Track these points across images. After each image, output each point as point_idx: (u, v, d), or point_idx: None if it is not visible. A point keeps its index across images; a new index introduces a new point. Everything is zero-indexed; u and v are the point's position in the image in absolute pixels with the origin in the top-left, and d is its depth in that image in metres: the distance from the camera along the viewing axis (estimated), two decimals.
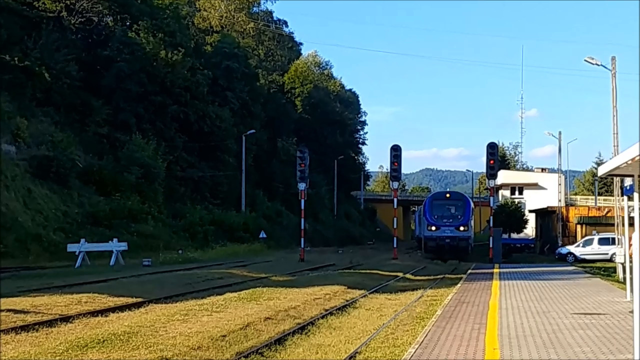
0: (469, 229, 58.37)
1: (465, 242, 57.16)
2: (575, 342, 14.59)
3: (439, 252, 57.01)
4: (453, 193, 66.68)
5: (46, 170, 56.46)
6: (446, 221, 57.51)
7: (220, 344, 16.72)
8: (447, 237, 56.67)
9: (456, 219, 57.77)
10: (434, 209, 59.04)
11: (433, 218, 58.20)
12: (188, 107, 76.87)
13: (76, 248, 44.61)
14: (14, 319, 19.34)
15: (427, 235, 58.78)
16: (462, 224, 57.54)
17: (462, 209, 58.78)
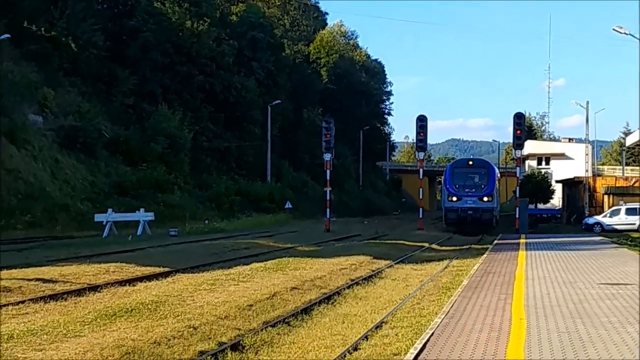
0: (494, 199, 53.81)
1: (489, 214, 52.74)
2: (602, 312, 14.54)
3: (461, 224, 53.37)
4: (476, 160, 61.50)
5: (73, 140, 56.70)
6: (468, 191, 53.08)
7: (247, 314, 16.81)
8: (470, 208, 52.28)
9: (479, 188, 53.20)
10: (455, 177, 54.34)
11: (454, 187, 53.70)
12: (214, 78, 76.80)
13: (103, 218, 44.87)
14: (42, 288, 19.52)
15: (447, 206, 54.39)
16: (485, 193, 52.96)
17: (486, 177, 54.09)
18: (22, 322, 14.92)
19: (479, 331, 12.79)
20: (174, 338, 13.80)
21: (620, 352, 10.83)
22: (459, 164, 59.30)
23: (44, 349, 12.47)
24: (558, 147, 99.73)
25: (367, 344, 13.92)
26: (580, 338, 11.95)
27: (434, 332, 12.80)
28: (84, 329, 14.25)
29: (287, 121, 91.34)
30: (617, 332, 12.40)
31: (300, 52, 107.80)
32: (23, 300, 17.48)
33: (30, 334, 13.52)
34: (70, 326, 14.35)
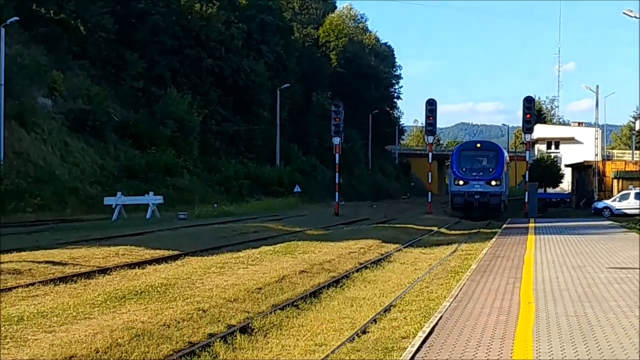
0: (502, 183, 51.81)
1: (497, 199, 50.72)
2: (611, 296, 14.55)
3: (468, 209, 51.44)
4: (484, 143, 59.56)
5: (82, 123, 56.78)
6: (476, 174, 51.18)
7: (256, 296, 16.86)
8: (477, 192, 50.29)
9: (487, 172, 51.30)
10: (462, 160, 52.45)
11: (461, 171, 51.83)
12: (223, 61, 76.75)
13: (113, 201, 44.98)
14: (52, 271, 19.59)
15: (454, 190, 52.44)
16: (493, 177, 51.08)
17: (494, 160, 52.15)
18: (32, 304, 14.99)
19: (488, 315, 12.81)
20: (183, 320, 13.86)
21: (628, 336, 10.84)
22: (467, 146, 57.57)
23: (53, 330, 12.54)
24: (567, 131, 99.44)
25: (375, 327, 13.97)
26: (589, 322, 11.96)
27: (442, 315, 12.83)
28: (94, 311, 14.31)
29: (296, 105, 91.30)
30: (625, 316, 12.42)
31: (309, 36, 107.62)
32: (33, 282, 17.54)
33: (40, 316, 13.58)
34: (80, 308, 14.42)
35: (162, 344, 12.30)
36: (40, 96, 55.45)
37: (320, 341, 13.17)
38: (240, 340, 13.05)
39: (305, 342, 13.13)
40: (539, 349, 10.08)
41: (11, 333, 12.26)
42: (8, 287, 16.91)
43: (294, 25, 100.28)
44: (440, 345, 10.59)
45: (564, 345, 10.28)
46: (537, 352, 9.93)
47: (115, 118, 61.79)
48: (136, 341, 12.16)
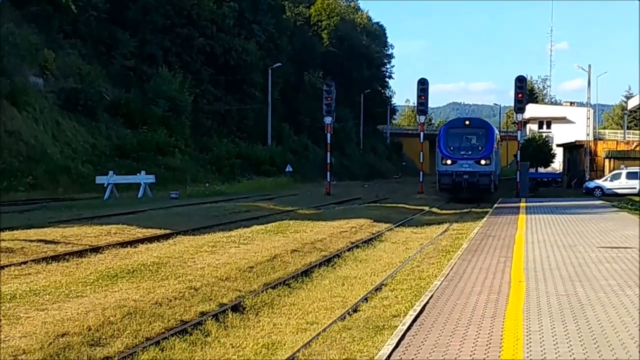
0: (492, 162, 47.98)
1: (486, 179, 47.19)
2: (602, 276, 14.61)
3: (456, 190, 48.02)
4: (474, 120, 55.44)
5: (74, 102, 56.67)
6: (464, 153, 47.73)
7: (247, 275, 16.91)
8: (465, 172, 46.81)
9: (476, 150, 47.93)
10: (449, 138, 48.99)
11: (448, 150, 48.24)
12: (214, 40, 76.58)
13: (105, 180, 44.96)
14: (44, 249, 19.59)
15: (441, 170, 48.41)
16: (483, 156, 47.52)
17: (483, 138, 48.68)
18: (24, 282, 15.00)
19: (478, 294, 12.86)
20: (175, 299, 13.90)
21: (619, 315, 10.90)
22: (455, 124, 54.39)
23: (46, 308, 12.56)
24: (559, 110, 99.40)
25: (366, 305, 14.01)
26: (579, 301, 12.02)
27: (433, 294, 12.88)
28: (86, 289, 14.34)
29: (288, 84, 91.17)
30: (616, 295, 12.48)
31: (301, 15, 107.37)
32: (25, 261, 17.55)
33: (33, 294, 13.61)
34: (72, 287, 14.45)
35: (154, 322, 12.34)
36: (31, 75, 55.27)
37: (312, 319, 13.21)
38: (232, 319, 13.09)
39: (296, 321, 13.18)
40: (529, 327, 10.13)
41: (4, 311, 12.27)
42: (1, 265, 16.92)
43: (286, 4, 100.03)
44: (431, 323, 10.64)
45: (554, 324, 10.34)
46: (528, 330, 9.98)
47: (106, 97, 61.65)
48: (128, 319, 12.19)
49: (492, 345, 9.23)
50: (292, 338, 11.91)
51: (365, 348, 10.75)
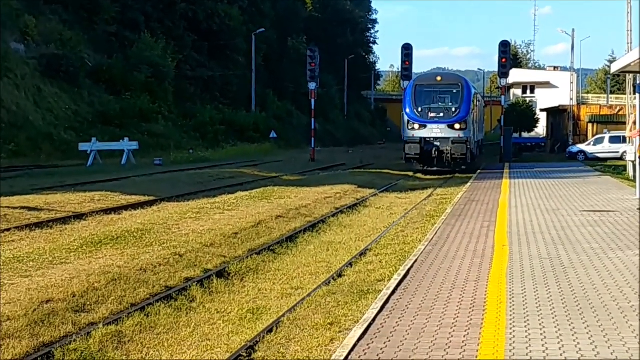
0: (468, 127, 40.33)
1: (461, 147, 39.29)
2: (584, 239, 14.70)
3: (425, 160, 40.04)
4: (446, 75, 46.93)
5: (56, 69, 56.26)
6: (435, 116, 39.65)
7: (232, 241, 16.94)
8: (436, 138, 39.37)
9: (449, 112, 39.81)
10: (417, 98, 40.39)
11: (416, 112, 39.84)
12: (196, 5, 76.09)
13: (87, 147, 44.78)
14: (28, 216, 19.55)
15: (407, 136, 40.26)
16: (457, 119, 39.58)
17: (458, 97, 40.40)
18: (7, 249, 14.98)
19: (462, 258, 12.93)
20: (159, 265, 13.92)
21: (602, 278, 10.98)
22: (424, 80, 43.65)
23: (30, 275, 12.56)
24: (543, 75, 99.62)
25: (351, 270, 14.07)
26: (562, 264, 12.10)
27: (417, 258, 12.94)
28: (70, 256, 14.34)
29: (271, 50, 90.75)
30: (598, 258, 12.57)
31: None
32: (9, 228, 17.51)
33: (16, 261, 13.59)
34: (56, 253, 14.44)
35: (139, 288, 12.37)
36: (12, 41, 54.81)
37: (297, 284, 13.27)
38: (217, 284, 13.13)
39: (281, 286, 13.23)
40: (512, 290, 10.20)
41: None
42: None
43: None
44: (415, 287, 10.70)
45: (537, 287, 10.41)
46: (511, 293, 10.05)
47: (88, 63, 61.25)
48: (113, 285, 12.21)
49: (475, 308, 9.29)
50: (277, 303, 11.96)
51: (350, 312, 10.81)
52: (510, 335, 8.02)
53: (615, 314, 8.89)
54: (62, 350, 9.25)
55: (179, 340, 10.12)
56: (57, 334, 9.93)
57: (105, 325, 10.22)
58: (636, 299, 9.65)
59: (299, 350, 9.30)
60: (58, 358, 9.05)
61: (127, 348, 9.72)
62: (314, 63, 53.81)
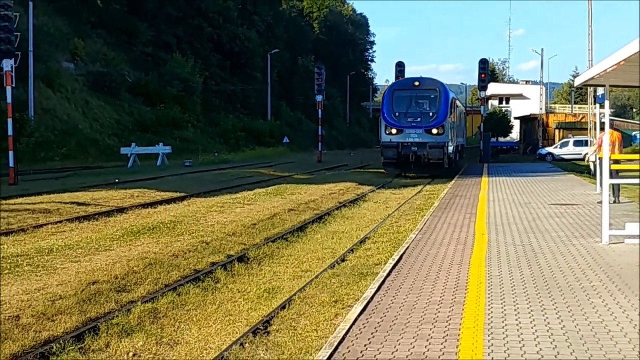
0: (446, 131, 35.59)
1: (438, 151, 34.90)
2: (552, 228, 14.66)
3: (402, 164, 35.77)
4: (424, 80, 38.74)
5: (100, 84, 56.50)
6: (412, 120, 35.18)
7: (251, 231, 16.93)
8: (414, 143, 34.91)
9: (427, 117, 35.29)
10: (395, 103, 36.03)
11: (393, 116, 35.57)
12: (221, 30, 76.23)
13: (128, 151, 44.91)
14: (77, 210, 19.59)
15: (385, 141, 35.89)
16: (435, 124, 35.08)
17: (436, 102, 35.78)
18: (60, 238, 15.00)
19: (447, 244, 12.90)
20: (189, 251, 13.93)
21: (566, 261, 10.95)
22: (401, 85, 39.03)
23: (79, 260, 12.58)
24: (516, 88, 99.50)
25: (352, 255, 14.06)
26: (533, 249, 12.07)
27: (409, 245, 12.91)
28: (113, 244, 14.36)
29: (284, 67, 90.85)
30: (564, 245, 12.53)
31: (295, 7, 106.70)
32: (61, 220, 17.54)
33: (67, 248, 13.62)
34: (101, 242, 14.46)
35: (172, 271, 12.38)
36: (64, 61, 55.00)
37: (306, 268, 13.26)
38: (238, 268, 13.13)
39: (293, 269, 13.23)
40: (490, 272, 10.18)
41: (43, 262, 12.29)
42: (40, 224, 16.91)
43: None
44: (407, 270, 10.68)
45: (512, 270, 10.39)
46: (489, 275, 10.03)
47: (128, 79, 61.40)
48: (149, 269, 12.23)
49: (459, 288, 9.28)
50: (289, 284, 11.96)
51: (351, 291, 10.79)
52: (488, 311, 8.01)
53: (578, 293, 8.87)
54: (106, 324, 9.26)
55: (206, 315, 10.12)
56: (101, 310, 9.94)
57: (143, 303, 10.23)
58: (597, 280, 9.63)
59: (308, 324, 9.29)
60: (103, 331, 9.06)
61: (162, 322, 9.72)
62: (321, 78, 53.80)
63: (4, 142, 30.33)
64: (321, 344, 7.83)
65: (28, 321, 9.13)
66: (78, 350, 8.41)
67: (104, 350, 8.58)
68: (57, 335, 8.78)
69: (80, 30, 59.57)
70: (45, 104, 48.46)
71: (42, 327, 9.03)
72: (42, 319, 9.27)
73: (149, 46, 67.89)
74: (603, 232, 12.57)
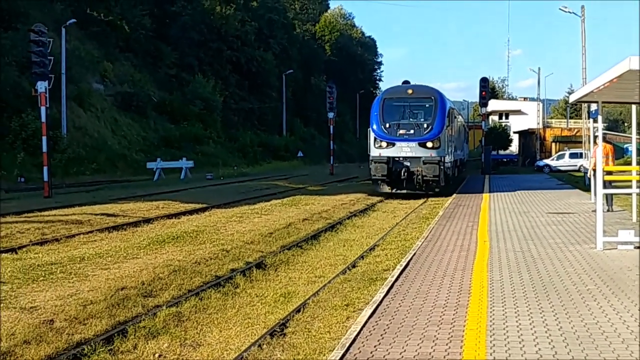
0: (442, 145, 29.58)
1: (433, 168, 28.85)
2: (549, 235, 14.61)
3: (393, 182, 29.80)
4: (419, 87, 32.37)
5: (128, 103, 56.79)
6: (405, 133, 29.35)
7: (268, 239, 16.94)
8: (406, 158, 29.22)
9: (420, 129, 29.37)
10: (386, 113, 30.14)
11: (383, 128, 29.62)
12: (239, 52, 76.48)
13: (153, 165, 45.03)
14: (107, 221, 19.66)
15: (374, 155, 29.78)
16: (430, 137, 29.16)
17: (431, 113, 29.86)
18: (91, 247, 15.06)
19: (452, 251, 12.88)
20: (210, 259, 13.94)
21: (563, 267, 10.90)
22: (393, 93, 32.11)
23: (108, 268, 12.63)
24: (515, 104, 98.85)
25: (363, 262, 14.04)
26: (532, 255, 12.03)
27: (415, 252, 12.90)
28: (140, 252, 14.40)
29: (298, 86, 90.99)
30: (561, 251, 12.48)
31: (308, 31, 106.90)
32: (91, 230, 17.62)
33: (98, 257, 13.67)
34: (129, 250, 14.50)
35: (195, 277, 12.40)
36: (94, 82, 55.31)
37: (319, 274, 13.25)
38: (256, 274, 13.14)
39: (307, 275, 13.22)
40: (492, 277, 10.15)
41: (75, 270, 12.34)
42: (72, 234, 16.99)
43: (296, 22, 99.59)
44: (414, 275, 10.66)
45: (512, 274, 10.35)
46: (491, 279, 10.00)
47: (154, 99, 61.66)
48: (174, 275, 12.25)
49: (462, 292, 9.25)
50: (304, 289, 11.95)
51: (362, 295, 10.78)
52: (490, 313, 7.98)
53: (574, 296, 8.83)
54: (133, 327, 9.28)
55: (226, 318, 10.13)
56: (129, 314, 9.97)
57: (168, 307, 10.25)
58: (592, 284, 9.58)
59: (321, 326, 9.29)
60: (131, 333, 9.08)
61: (185, 325, 9.74)
62: (332, 97, 53.84)
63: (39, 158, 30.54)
64: (334, 345, 7.82)
65: (61, 325, 9.16)
66: (108, 352, 8.44)
67: (132, 352, 8.60)
68: (88, 338, 8.81)
69: (110, 53, 59.91)
70: (77, 122, 48.72)
71: (74, 330, 9.06)
72: (74, 323, 9.31)
73: (173, 68, 68.18)
74: (597, 239, 12.51)
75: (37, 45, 28.71)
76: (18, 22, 46.73)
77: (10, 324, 8.95)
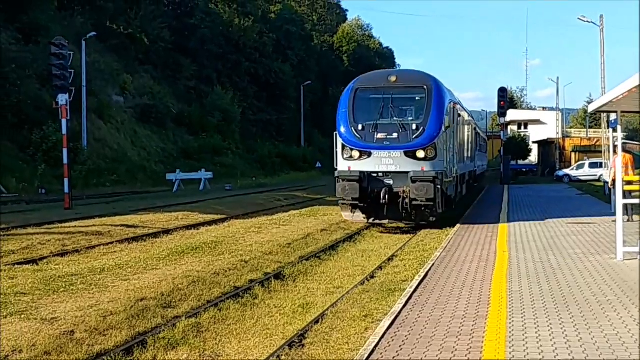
0: (440, 153, 19.78)
1: (426, 187, 19.07)
2: (569, 245, 14.51)
3: (370, 207, 20.17)
4: (404, 73, 23.81)
5: (148, 115, 57.13)
6: (385, 137, 19.65)
7: (286, 250, 16.95)
8: (387, 173, 19.67)
9: (408, 132, 19.49)
10: (358, 109, 20.36)
11: (354, 131, 20.02)
12: (257, 64, 76.76)
13: (173, 177, 45.20)
14: (127, 232, 19.75)
15: (341, 170, 20.32)
16: (422, 143, 19.44)
17: (423, 108, 19.85)
18: (111, 258, 15.15)
19: (470, 262, 12.82)
20: (229, 270, 13.97)
21: (583, 277, 10.83)
22: (369, 81, 21.55)
23: (128, 279, 12.69)
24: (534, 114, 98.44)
25: (381, 273, 14.01)
26: (552, 266, 11.95)
27: (434, 262, 12.85)
28: (159, 263, 14.46)
29: (316, 97, 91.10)
30: (581, 261, 12.40)
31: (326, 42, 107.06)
32: (112, 241, 17.72)
33: (118, 268, 13.74)
34: (148, 261, 14.57)
35: (214, 288, 12.42)
36: (114, 94, 55.69)
37: (338, 284, 13.24)
38: (275, 285, 13.14)
39: (325, 286, 13.21)
40: (511, 288, 10.10)
41: (95, 281, 12.41)
42: (92, 245, 17.08)
43: (314, 34, 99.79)
44: (433, 286, 10.63)
45: (531, 285, 10.30)
46: (510, 290, 9.95)
47: (173, 111, 61.96)
48: (193, 286, 12.28)
49: (481, 303, 9.21)
50: (322, 299, 11.94)
51: (380, 306, 10.75)
52: (509, 324, 7.94)
53: (594, 307, 8.76)
54: (153, 338, 9.31)
55: (245, 329, 10.14)
56: (149, 325, 10.00)
57: (187, 318, 10.28)
58: (612, 294, 9.50)
59: (340, 337, 9.27)
60: (150, 344, 9.11)
61: (204, 336, 9.76)
62: None
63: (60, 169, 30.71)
64: (352, 356, 7.81)
65: (82, 336, 9.22)
66: None
67: None
68: (108, 349, 8.85)
69: (129, 66, 60.37)
70: (97, 134, 49.06)
71: (94, 341, 9.11)
72: (94, 334, 9.36)
73: (192, 80, 68.56)
74: (618, 249, 12.42)
75: (57, 58, 28.95)
76: (39, 35, 47.20)
77: (32, 334, 9.02)
